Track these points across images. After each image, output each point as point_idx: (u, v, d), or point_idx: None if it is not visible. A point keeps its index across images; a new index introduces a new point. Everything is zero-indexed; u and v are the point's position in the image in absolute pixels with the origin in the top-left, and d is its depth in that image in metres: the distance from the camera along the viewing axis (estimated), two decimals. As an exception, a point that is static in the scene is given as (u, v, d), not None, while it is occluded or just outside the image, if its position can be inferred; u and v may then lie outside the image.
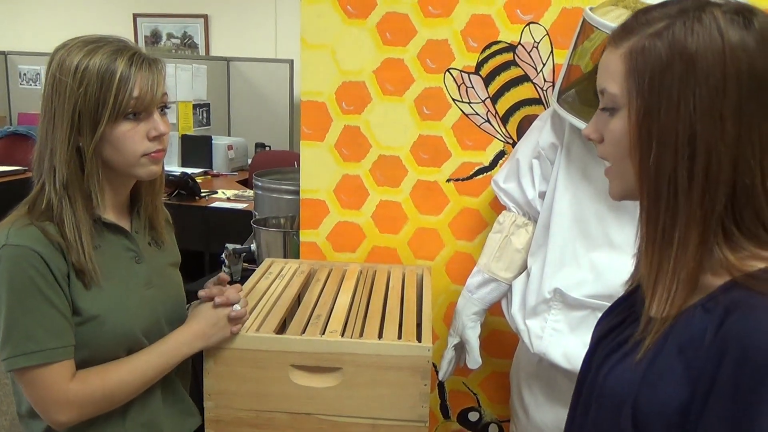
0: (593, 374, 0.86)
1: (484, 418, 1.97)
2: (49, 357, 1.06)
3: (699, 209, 0.73)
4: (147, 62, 1.09)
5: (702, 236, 0.74)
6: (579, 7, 1.66)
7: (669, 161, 0.73)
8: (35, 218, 1.08)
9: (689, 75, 0.72)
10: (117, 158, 1.11)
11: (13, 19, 6.90)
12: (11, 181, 4.53)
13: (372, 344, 1.26)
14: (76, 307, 1.09)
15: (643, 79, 0.75)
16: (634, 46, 0.76)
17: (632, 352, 0.79)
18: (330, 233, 1.91)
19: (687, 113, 0.72)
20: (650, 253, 0.77)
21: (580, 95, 1.46)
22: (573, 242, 1.42)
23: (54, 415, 1.09)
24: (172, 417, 1.26)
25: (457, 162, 1.82)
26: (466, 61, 1.77)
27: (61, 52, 1.08)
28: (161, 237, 1.27)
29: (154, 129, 1.11)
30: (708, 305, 0.74)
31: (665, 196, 0.75)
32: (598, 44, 1.45)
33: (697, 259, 0.74)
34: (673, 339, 0.75)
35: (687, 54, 0.72)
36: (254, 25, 6.28)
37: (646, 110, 0.75)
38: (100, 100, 1.05)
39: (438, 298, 1.87)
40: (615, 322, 0.89)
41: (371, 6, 1.77)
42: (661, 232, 0.76)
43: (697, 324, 0.73)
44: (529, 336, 1.44)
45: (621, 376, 0.80)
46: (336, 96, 1.83)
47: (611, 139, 0.80)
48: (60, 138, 1.07)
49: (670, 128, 0.73)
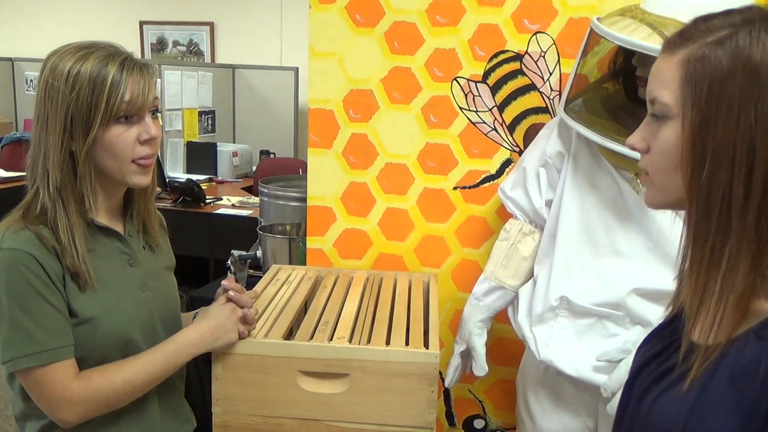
0: (635, 404, 0.82)
1: (490, 426, 1.97)
2: (51, 357, 1.07)
3: (754, 229, 0.69)
4: (138, 67, 1.11)
5: (755, 258, 0.69)
6: (586, 17, 1.67)
7: (724, 177, 0.69)
8: (30, 222, 1.09)
9: (752, 86, 0.68)
10: (109, 162, 1.11)
11: (19, 26, 6.95)
12: (17, 187, 4.54)
13: (380, 351, 1.27)
14: (71, 309, 1.10)
15: (701, 89, 0.71)
16: (693, 54, 0.72)
17: (679, 381, 0.75)
18: (337, 240, 1.92)
19: (747, 126, 0.68)
20: (695, 273, 0.73)
21: (587, 104, 1.47)
22: (579, 250, 1.43)
23: (59, 413, 1.10)
24: (168, 422, 1.27)
25: (464, 170, 1.83)
26: (474, 69, 1.78)
27: (53, 58, 1.09)
28: (155, 241, 1.28)
29: (146, 132, 1.12)
30: (762, 333, 0.69)
31: (717, 213, 0.70)
32: (605, 54, 1.47)
33: (748, 283, 0.70)
34: (723, 368, 0.71)
35: (751, 64, 0.68)
36: (260, 33, 6.31)
37: (702, 121, 0.71)
38: (92, 105, 1.07)
39: (444, 306, 1.88)
40: (657, 350, 0.85)
41: (379, 15, 1.79)
42: (710, 252, 0.71)
43: (749, 353, 0.69)
44: (536, 343, 1.44)
45: (668, 406, 0.75)
46: (344, 104, 1.84)
47: (659, 149, 0.76)
48: (53, 142, 1.08)
49: (727, 142, 0.69)
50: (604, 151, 1.39)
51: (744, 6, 0.74)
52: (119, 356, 1.15)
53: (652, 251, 1.35)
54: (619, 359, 1.33)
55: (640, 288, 1.34)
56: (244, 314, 1.26)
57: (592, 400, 1.43)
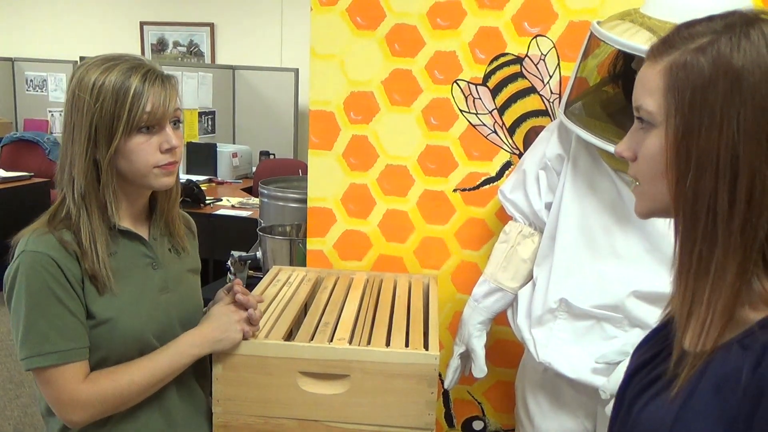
0: (626, 410, 0.82)
1: (489, 427, 1.97)
2: (62, 358, 1.10)
3: (739, 237, 0.68)
4: (160, 78, 1.15)
5: (741, 266, 0.69)
6: (586, 21, 1.68)
7: (708, 184, 0.69)
8: (54, 227, 1.13)
9: (734, 93, 0.67)
10: (130, 169, 1.16)
11: (20, 27, 6.95)
12: (17, 187, 4.56)
13: (380, 352, 1.27)
14: (90, 311, 1.14)
15: (684, 96, 0.70)
16: (675, 61, 0.71)
17: (666, 388, 0.75)
18: (337, 242, 1.92)
19: (730, 133, 0.67)
20: (684, 282, 0.73)
21: (587, 107, 1.47)
22: (579, 253, 1.43)
23: (66, 414, 1.13)
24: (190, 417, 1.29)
25: (464, 172, 1.84)
26: (474, 72, 1.79)
27: (80, 70, 1.15)
28: (181, 244, 1.32)
29: (166, 142, 1.16)
30: (745, 342, 0.69)
31: (703, 221, 0.70)
32: (605, 57, 1.47)
33: (735, 290, 0.69)
34: (708, 376, 0.70)
35: (732, 71, 0.68)
36: (260, 34, 6.32)
37: (686, 129, 0.70)
38: (114, 115, 1.11)
39: (444, 307, 1.88)
40: (648, 356, 0.84)
41: (380, 17, 1.80)
42: (697, 261, 0.71)
43: (733, 361, 0.69)
44: (535, 345, 1.45)
45: (654, 414, 0.75)
46: (344, 106, 1.85)
47: (645, 157, 0.75)
48: (78, 151, 1.13)
49: (710, 149, 0.68)
50: (603, 154, 1.39)
51: (726, 12, 0.73)
52: (138, 356, 1.18)
53: (651, 254, 1.35)
54: (618, 361, 1.34)
55: (639, 290, 1.35)
56: (249, 315, 1.27)
57: (591, 402, 1.43)
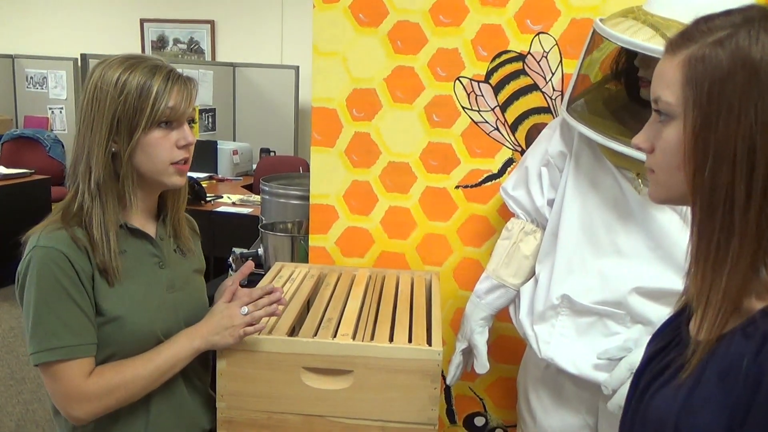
0: (637, 399, 0.84)
1: (490, 423, 1.98)
2: (68, 353, 1.11)
3: (755, 227, 0.70)
4: (182, 79, 1.20)
5: (754, 255, 0.71)
6: (589, 18, 1.68)
7: (726, 175, 0.70)
8: (66, 223, 1.15)
9: (752, 85, 0.69)
10: (147, 164, 1.18)
11: (20, 23, 6.94)
12: (17, 184, 4.56)
13: (383, 347, 1.28)
14: (99, 308, 1.15)
15: (702, 88, 0.72)
16: (694, 54, 0.73)
17: (675, 376, 0.77)
18: (339, 238, 1.93)
19: (747, 125, 0.69)
20: (702, 271, 0.74)
21: (589, 105, 1.48)
22: (581, 249, 1.44)
23: (70, 410, 1.14)
24: (198, 411, 1.30)
25: (466, 169, 1.84)
26: (476, 69, 1.79)
27: (101, 66, 1.17)
28: (186, 245, 1.33)
29: (183, 138, 1.19)
30: (748, 330, 0.71)
31: (720, 211, 0.71)
32: (608, 55, 1.48)
33: (746, 279, 0.71)
34: (713, 365, 0.73)
35: (750, 63, 0.69)
36: (260, 31, 6.32)
37: (704, 120, 0.71)
38: (137, 108, 1.14)
39: (446, 304, 1.89)
40: (660, 346, 0.86)
41: (383, 14, 1.80)
42: (715, 250, 0.72)
43: (736, 350, 0.71)
44: (537, 341, 1.46)
45: (663, 401, 0.77)
46: (347, 103, 1.85)
47: (663, 149, 0.77)
48: (98, 141, 1.15)
49: (728, 140, 0.70)
50: (605, 151, 1.40)
51: (745, 5, 0.74)
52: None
53: (653, 251, 1.36)
54: (620, 357, 1.34)
55: (641, 287, 1.35)
56: (252, 316, 1.26)
57: (593, 398, 1.44)
